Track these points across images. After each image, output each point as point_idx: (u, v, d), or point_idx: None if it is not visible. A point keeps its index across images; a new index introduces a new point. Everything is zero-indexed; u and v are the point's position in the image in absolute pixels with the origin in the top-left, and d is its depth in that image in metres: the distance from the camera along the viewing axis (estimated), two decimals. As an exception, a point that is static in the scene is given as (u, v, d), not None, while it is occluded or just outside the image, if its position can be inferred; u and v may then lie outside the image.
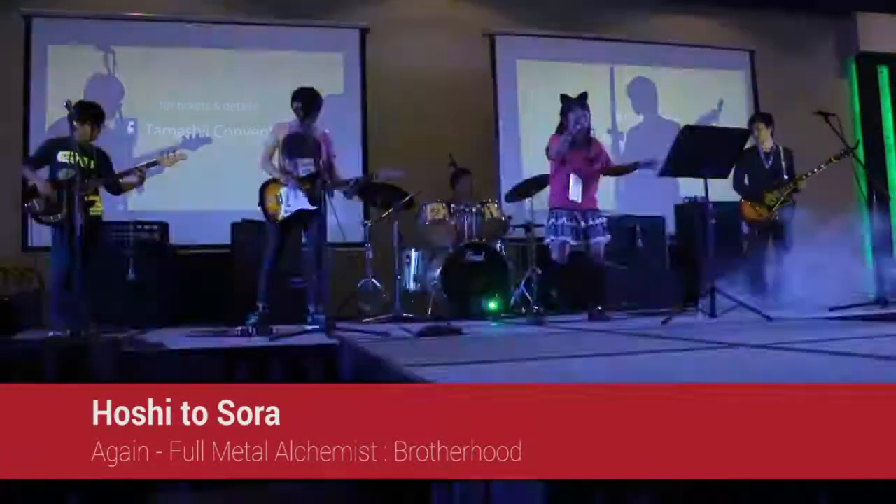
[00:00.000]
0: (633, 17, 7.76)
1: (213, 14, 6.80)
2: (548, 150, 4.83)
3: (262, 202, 4.63)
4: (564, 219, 4.71)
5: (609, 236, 4.82)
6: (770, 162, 5.59)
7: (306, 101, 4.66)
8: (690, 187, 6.74)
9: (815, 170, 5.44)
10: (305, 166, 4.60)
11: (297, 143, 4.63)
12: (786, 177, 5.55)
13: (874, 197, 5.90)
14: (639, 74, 7.66)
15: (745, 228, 5.86)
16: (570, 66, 7.39)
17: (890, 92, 8.25)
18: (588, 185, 4.81)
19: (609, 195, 7.13)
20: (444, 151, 5.95)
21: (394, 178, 5.10)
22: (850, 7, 8.00)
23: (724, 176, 5.43)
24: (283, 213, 4.55)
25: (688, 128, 4.21)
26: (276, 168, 4.63)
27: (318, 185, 4.49)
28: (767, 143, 5.63)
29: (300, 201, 4.53)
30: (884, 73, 8.28)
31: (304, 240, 4.74)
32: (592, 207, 4.80)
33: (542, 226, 5.17)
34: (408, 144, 6.67)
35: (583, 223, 4.72)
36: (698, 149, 4.17)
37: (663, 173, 4.36)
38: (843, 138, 5.02)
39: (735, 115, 7.40)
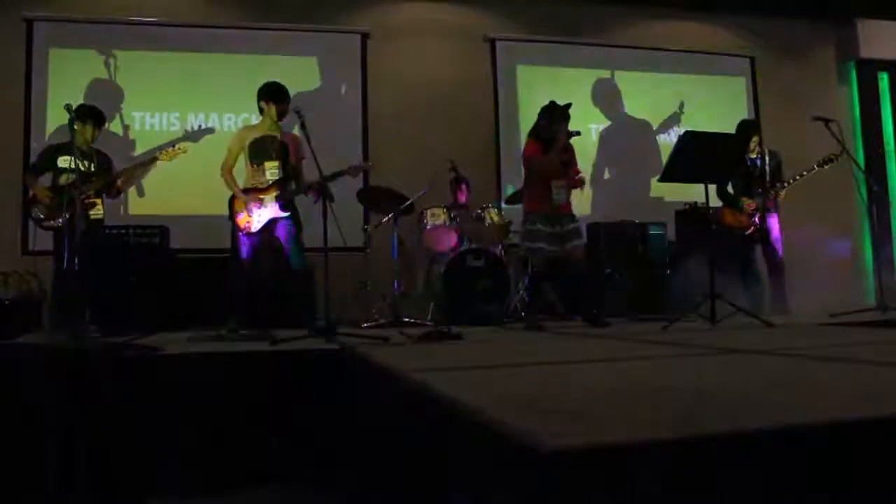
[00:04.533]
0: (634, 23, 7.77)
1: (214, 18, 6.81)
2: (528, 159, 4.80)
3: (231, 216, 4.57)
4: (539, 224, 4.70)
5: (585, 239, 4.82)
6: (756, 168, 5.56)
7: (272, 95, 4.59)
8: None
9: (798, 177, 5.41)
10: (272, 171, 4.54)
11: (263, 148, 4.56)
12: (769, 182, 5.50)
13: (874, 203, 5.91)
14: (639, 80, 7.68)
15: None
16: (571, 72, 7.42)
17: (890, 98, 8.26)
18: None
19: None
20: (444, 156, 5.96)
21: (358, 171, 5.06)
22: (850, 14, 8.02)
23: (725, 182, 5.44)
24: (255, 224, 4.50)
25: (688, 133, 4.20)
26: (235, 183, 4.55)
27: (287, 190, 4.47)
28: (754, 149, 5.61)
29: (270, 210, 4.49)
30: (884, 80, 8.29)
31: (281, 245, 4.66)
32: (568, 212, 4.80)
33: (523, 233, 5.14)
34: (408, 149, 6.69)
35: (559, 228, 4.71)
36: (698, 154, 4.17)
37: (663, 178, 4.36)
38: (843, 144, 5.03)
39: (736, 122, 7.44)
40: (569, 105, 4.76)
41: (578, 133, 4.74)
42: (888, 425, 1.14)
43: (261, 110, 4.64)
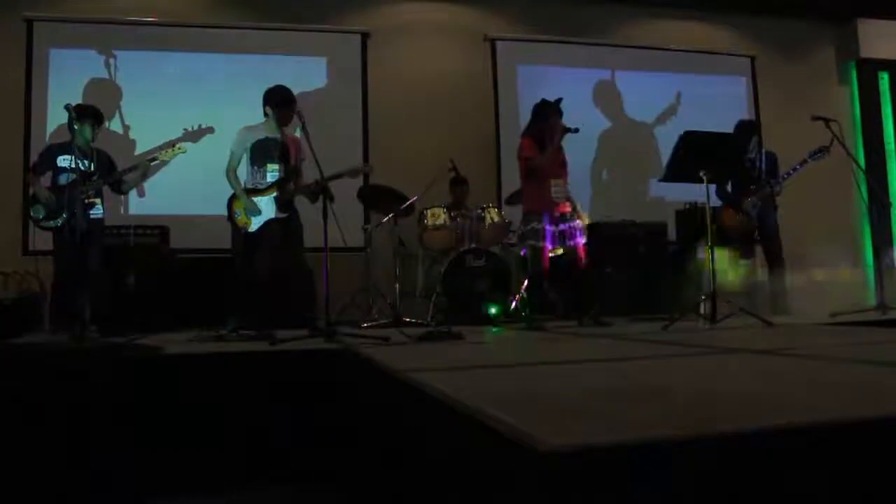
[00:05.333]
0: (634, 22, 7.77)
1: (213, 19, 6.81)
2: (527, 157, 4.77)
3: (230, 216, 4.57)
4: (545, 224, 4.69)
5: (584, 238, 4.80)
6: (754, 168, 5.56)
7: (278, 101, 4.58)
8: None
9: (791, 171, 5.40)
10: (273, 173, 4.53)
11: (265, 150, 4.54)
12: (764, 180, 5.50)
13: (874, 203, 5.90)
14: (639, 80, 7.67)
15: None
16: (571, 72, 7.41)
17: (890, 98, 8.26)
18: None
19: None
20: (444, 156, 5.96)
21: (358, 174, 5.06)
22: (850, 13, 8.01)
23: (725, 181, 5.44)
24: (253, 225, 4.49)
25: (688, 133, 4.20)
26: (239, 184, 4.55)
27: (287, 191, 4.46)
28: (752, 149, 5.60)
29: (270, 210, 4.49)
30: (884, 79, 8.29)
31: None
32: (567, 211, 4.78)
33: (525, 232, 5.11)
34: (408, 149, 6.69)
35: (560, 226, 4.70)
36: (698, 154, 4.17)
37: (664, 179, 4.35)
38: (843, 144, 5.02)
39: (735, 122, 7.45)
40: (559, 100, 4.75)
41: (577, 130, 4.68)
42: (888, 425, 1.14)
43: (265, 112, 4.64)
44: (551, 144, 4.65)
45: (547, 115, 4.71)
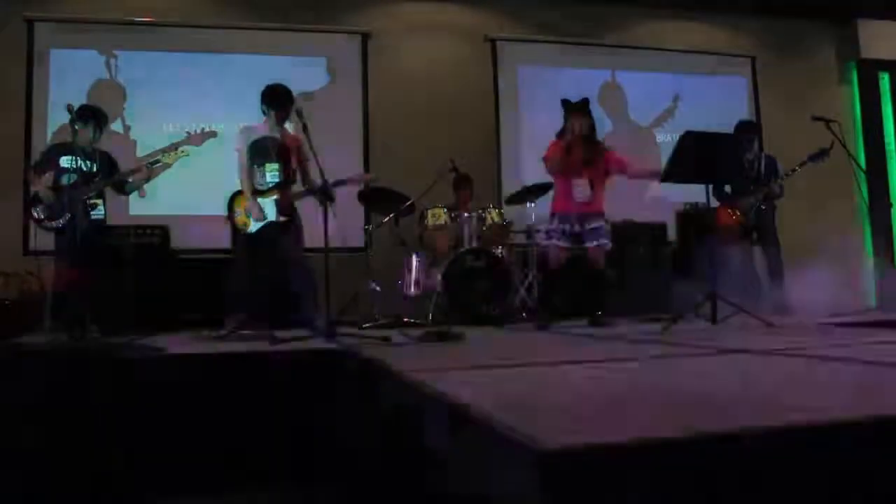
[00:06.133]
0: (635, 23, 7.77)
1: (214, 19, 6.82)
2: (546, 159, 4.80)
3: (230, 215, 4.55)
4: (559, 223, 4.69)
5: (608, 241, 4.76)
6: (752, 170, 5.56)
7: (274, 100, 4.55)
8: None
9: (790, 172, 5.41)
10: (273, 173, 4.51)
11: (263, 149, 4.51)
12: (763, 181, 5.51)
13: (874, 203, 5.90)
14: (640, 81, 7.67)
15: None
16: (572, 72, 7.41)
17: (891, 98, 8.26)
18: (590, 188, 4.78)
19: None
20: (445, 157, 5.96)
21: (360, 181, 5.08)
22: (850, 14, 8.01)
23: (726, 181, 5.44)
24: (252, 226, 4.47)
25: (688, 133, 4.19)
26: (250, 187, 4.52)
27: (288, 195, 4.45)
28: (751, 149, 5.61)
29: (270, 211, 4.47)
30: (885, 80, 8.29)
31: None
32: (593, 212, 4.75)
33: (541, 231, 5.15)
34: (409, 150, 6.69)
35: (578, 227, 4.69)
36: (698, 154, 4.16)
37: (664, 179, 4.35)
38: (844, 144, 5.02)
39: (735, 122, 7.43)
40: (585, 100, 4.75)
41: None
42: (888, 425, 1.14)
43: (263, 111, 4.63)
44: (567, 146, 4.65)
45: (566, 115, 4.73)
